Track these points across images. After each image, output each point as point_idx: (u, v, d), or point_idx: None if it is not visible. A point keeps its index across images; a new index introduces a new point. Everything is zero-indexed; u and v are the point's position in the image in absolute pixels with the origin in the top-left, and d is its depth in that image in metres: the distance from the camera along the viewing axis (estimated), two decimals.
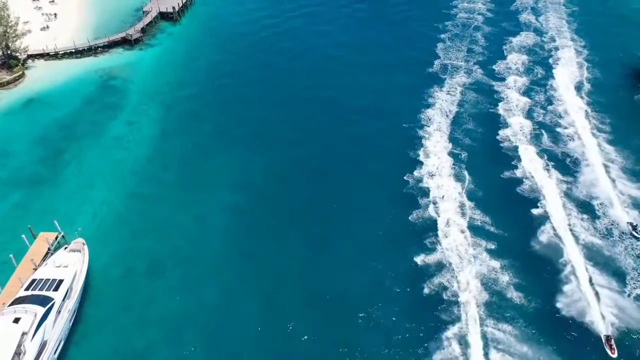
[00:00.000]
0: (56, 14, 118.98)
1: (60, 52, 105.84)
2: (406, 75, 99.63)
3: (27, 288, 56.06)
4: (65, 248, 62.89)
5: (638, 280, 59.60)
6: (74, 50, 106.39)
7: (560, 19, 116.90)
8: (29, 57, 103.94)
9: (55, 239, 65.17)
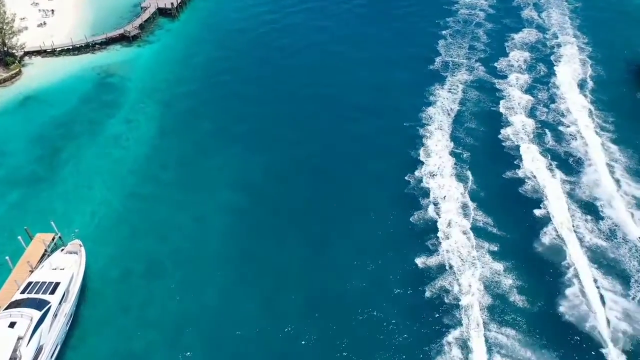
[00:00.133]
0: (53, 10, 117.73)
1: (57, 49, 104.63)
2: (407, 73, 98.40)
3: (23, 291, 55.38)
4: (62, 250, 62.07)
5: None
6: (71, 47, 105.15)
7: (563, 15, 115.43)
8: (25, 54, 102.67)
9: (52, 240, 64.42)
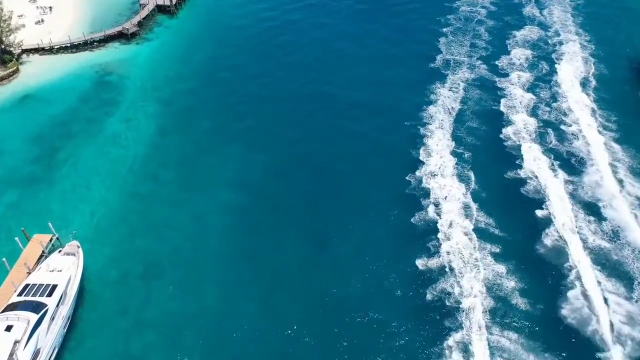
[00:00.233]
0: (51, 7, 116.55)
1: (56, 47, 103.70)
2: (408, 70, 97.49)
3: (20, 294, 54.91)
4: (59, 251, 61.44)
5: None
6: (69, 45, 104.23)
7: (565, 12, 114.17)
8: (23, 51, 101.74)
9: (50, 241, 63.82)
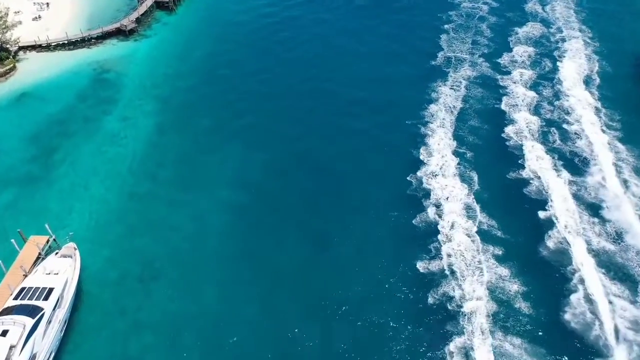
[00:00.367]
0: (48, 4, 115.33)
1: (53, 44, 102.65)
2: (409, 68, 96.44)
3: (16, 297, 54.30)
4: (56, 253, 60.71)
5: None
6: (66, 42, 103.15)
7: (568, 8, 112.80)
8: (20, 48, 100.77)
9: (47, 242, 63.17)
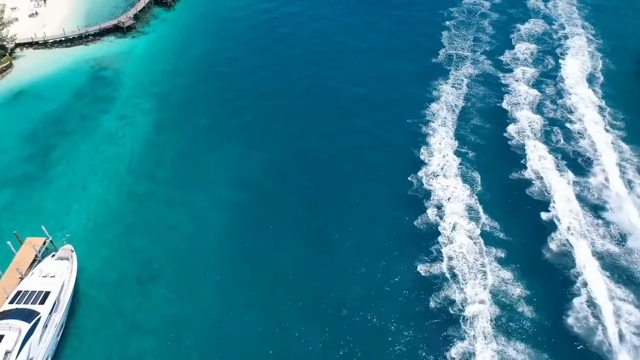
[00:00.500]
0: (45, 0, 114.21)
1: (50, 41, 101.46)
2: (409, 65, 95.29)
3: (12, 301, 53.57)
4: (52, 256, 59.97)
5: None
6: (63, 39, 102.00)
7: (571, 4, 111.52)
8: (16, 45, 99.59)
9: (43, 244, 62.32)
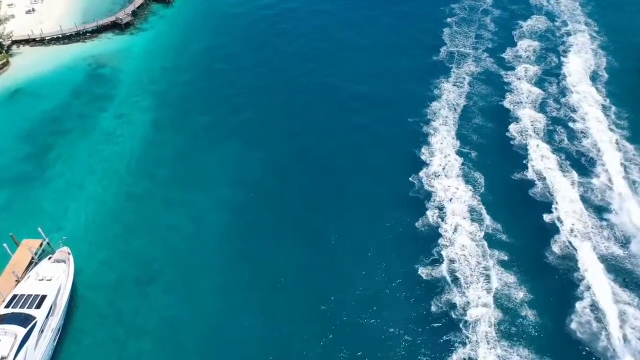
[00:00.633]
0: None
1: (47, 38, 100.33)
2: (410, 63, 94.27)
3: (8, 305, 52.83)
4: (49, 258, 59.14)
5: None
6: (61, 36, 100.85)
7: (573, 0, 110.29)
8: (13, 42, 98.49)
9: (40, 246, 61.70)
